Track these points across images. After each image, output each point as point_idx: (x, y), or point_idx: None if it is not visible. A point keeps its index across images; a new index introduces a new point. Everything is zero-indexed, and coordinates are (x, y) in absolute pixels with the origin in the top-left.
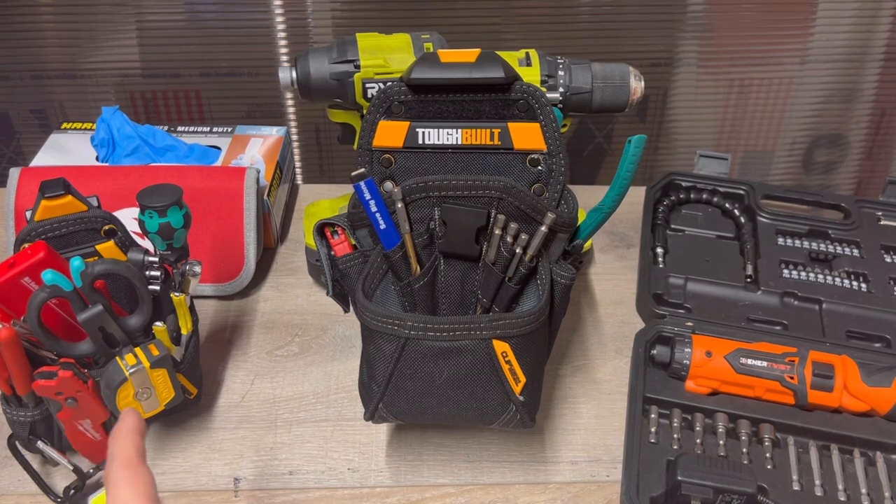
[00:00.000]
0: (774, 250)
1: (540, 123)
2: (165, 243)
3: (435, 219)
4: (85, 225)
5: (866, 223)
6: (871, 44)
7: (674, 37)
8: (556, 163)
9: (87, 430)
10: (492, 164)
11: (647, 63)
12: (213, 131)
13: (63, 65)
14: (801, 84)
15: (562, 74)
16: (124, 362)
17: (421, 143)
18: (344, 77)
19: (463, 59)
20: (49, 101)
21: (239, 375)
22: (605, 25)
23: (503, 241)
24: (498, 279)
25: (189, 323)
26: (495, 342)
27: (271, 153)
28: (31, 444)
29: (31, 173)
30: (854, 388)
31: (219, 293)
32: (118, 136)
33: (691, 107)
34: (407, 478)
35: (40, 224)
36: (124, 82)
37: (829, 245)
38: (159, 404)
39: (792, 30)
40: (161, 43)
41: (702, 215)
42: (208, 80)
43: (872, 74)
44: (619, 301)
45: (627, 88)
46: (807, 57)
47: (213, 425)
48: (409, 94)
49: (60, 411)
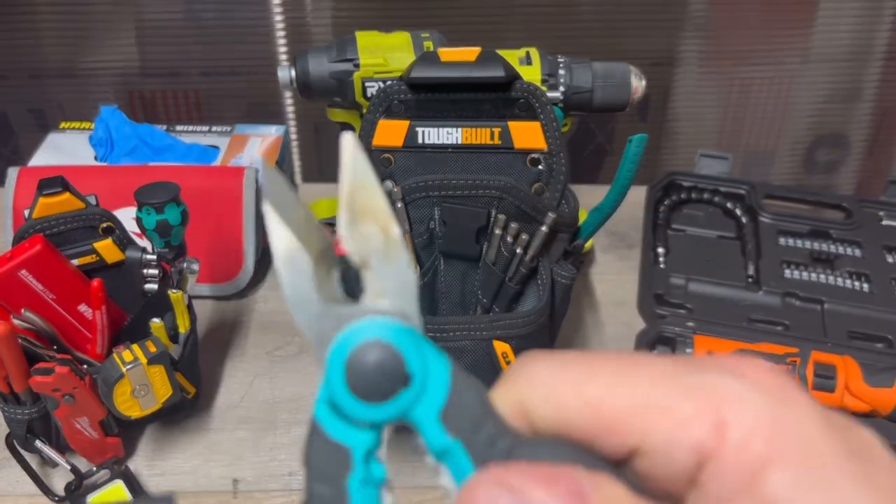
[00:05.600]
0: (776, 250)
1: (540, 123)
2: (163, 241)
3: (435, 219)
4: (83, 222)
5: (868, 223)
6: (873, 43)
7: (675, 36)
8: (557, 162)
9: (85, 428)
10: (492, 163)
11: (648, 62)
12: (211, 131)
13: (61, 64)
14: (802, 83)
15: (562, 73)
16: (121, 358)
17: (421, 142)
18: (343, 76)
19: (463, 58)
20: (47, 101)
21: (238, 376)
22: (606, 24)
23: (503, 242)
24: (498, 279)
25: (187, 321)
26: (496, 343)
27: (270, 153)
28: (29, 443)
29: (29, 173)
30: (856, 388)
31: (217, 293)
32: (116, 135)
33: (692, 106)
34: (407, 479)
35: (38, 222)
36: (123, 81)
37: (831, 245)
38: (157, 402)
39: (793, 29)
40: (160, 42)
41: (703, 215)
42: (207, 80)
43: (874, 73)
44: (620, 301)
45: (628, 87)
46: (808, 56)
47: (211, 426)
48: (409, 94)
49: (58, 409)
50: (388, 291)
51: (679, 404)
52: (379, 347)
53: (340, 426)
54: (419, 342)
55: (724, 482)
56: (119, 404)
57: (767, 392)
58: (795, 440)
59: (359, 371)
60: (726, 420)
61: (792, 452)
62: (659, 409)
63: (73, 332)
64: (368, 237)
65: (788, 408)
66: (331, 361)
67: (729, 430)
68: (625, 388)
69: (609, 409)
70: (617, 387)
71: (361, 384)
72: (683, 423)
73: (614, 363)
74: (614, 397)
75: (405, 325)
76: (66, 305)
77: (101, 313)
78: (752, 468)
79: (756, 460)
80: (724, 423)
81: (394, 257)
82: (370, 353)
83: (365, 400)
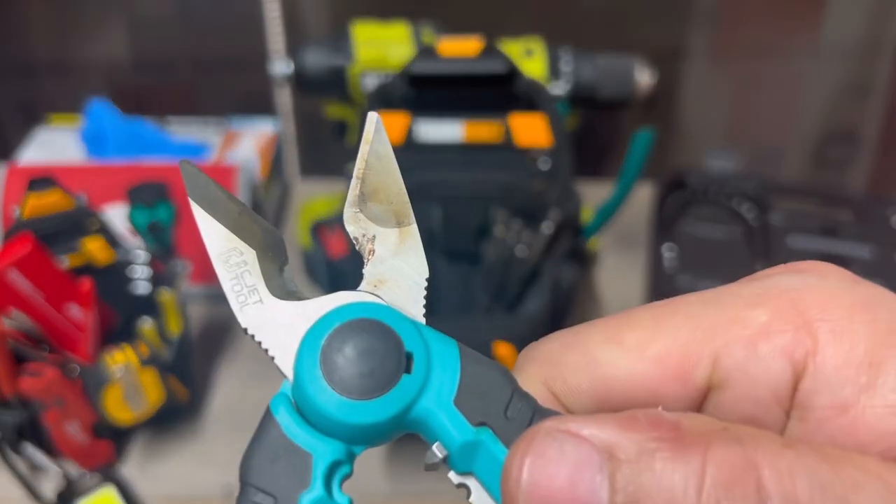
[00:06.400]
0: (784, 249)
1: (543, 118)
2: (154, 239)
3: (435, 218)
4: (72, 222)
5: (879, 222)
6: (886, 37)
7: (683, 29)
8: (560, 159)
9: (75, 432)
10: (494, 160)
11: (654, 57)
12: (204, 126)
13: (50, 57)
14: (812, 79)
15: (566, 67)
16: (112, 361)
17: (421, 139)
18: (340, 70)
19: (464, 53)
20: (36, 95)
21: (231, 379)
22: (611, 17)
23: (505, 241)
24: (499, 280)
25: (180, 323)
26: (496, 345)
27: (265, 148)
28: (19, 447)
29: (18, 170)
30: None
31: (210, 294)
32: (107, 130)
33: (700, 102)
34: (406, 486)
35: (27, 222)
36: (113, 75)
37: (841, 244)
38: (148, 406)
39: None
40: (151, 35)
41: (710, 213)
42: (200, 73)
43: (886, 69)
44: (625, 302)
45: (634, 82)
46: (819, 51)
47: (205, 430)
48: (409, 89)
49: (47, 412)
50: (388, 283)
51: (750, 313)
52: (364, 325)
53: (305, 427)
54: (416, 323)
55: (836, 388)
56: (110, 408)
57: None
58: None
59: (339, 359)
60: (813, 318)
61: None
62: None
63: (63, 333)
64: (377, 218)
65: (870, 289)
66: (300, 360)
67: (821, 325)
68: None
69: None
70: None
71: (343, 374)
72: (763, 333)
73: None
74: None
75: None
76: (56, 306)
77: (91, 314)
78: (868, 362)
79: (867, 351)
80: (812, 321)
81: (406, 248)
82: (353, 335)
83: (353, 396)
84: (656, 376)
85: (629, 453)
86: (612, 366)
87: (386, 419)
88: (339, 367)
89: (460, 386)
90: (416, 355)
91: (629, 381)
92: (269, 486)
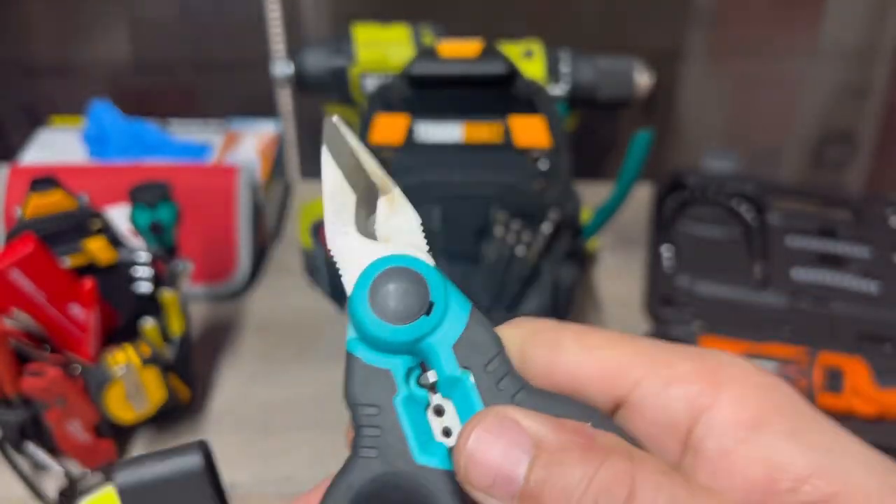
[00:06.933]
0: (783, 250)
1: (543, 119)
2: (156, 239)
3: (435, 219)
4: (74, 222)
5: (877, 222)
6: (884, 37)
7: (681, 30)
8: (560, 160)
9: (77, 431)
10: (493, 161)
11: (653, 57)
12: (206, 127)
13: (52, 59)
14: (811, 79)
15: (566, 68)
16: (114, 360)
17: (421, 139)
18: (341, 72)
19: (464, 54)
20: (38, 96)
21: (233, 379)
22: (610, 18)
23: (504, 241)
24: (499, 280)
25: (181, 323)
26: None
27: (266, 149)
28: (21, 446)
29: (20, 171)
30: (864, 391)
31: (211, 294)
32: (109, 131)
33: (698, 102)
34: None
35: (29, 223)
36: (115, 77)
37: (840, 245)
38: (151, 405)
39: (802, 22)
40: (153, 36)
41: (709, 214)
42: (201, 75)
43: (885, 69)
44: (624, 302)
45: (633, 83)
46: (817, 51)
47: (206, 430)
48: (409, 90)
49: (50, 412)
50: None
51: (677, 362)
52: (405, 272)
53: (374, 353)
54: (445, 280)
55: (721, 436)
56: (112, 407)
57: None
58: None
59: (383, 292)
60: (721, 381)
61: (787, 410)
62: (657, 363)
63: (65, 333)
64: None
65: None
66: (357, 286)
67: (724, 389)
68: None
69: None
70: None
71: (384, 304)
72: (679, 379)
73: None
74: (613, 348)
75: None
76: (58, 306)
77: (93, 314)
78: (750, 422)
79: (753, 416)
80: (720, 385)
81: (397, 209)
82: (396, 277)
83: (387, 321)
84: (592, 376)
85: (551, 447)
86: (567, 354)
87: (402, 342)
88: (381, 296)
89: (461, 337)
90: (436, 305)
91: (574, 371)
92: (369, 400)
